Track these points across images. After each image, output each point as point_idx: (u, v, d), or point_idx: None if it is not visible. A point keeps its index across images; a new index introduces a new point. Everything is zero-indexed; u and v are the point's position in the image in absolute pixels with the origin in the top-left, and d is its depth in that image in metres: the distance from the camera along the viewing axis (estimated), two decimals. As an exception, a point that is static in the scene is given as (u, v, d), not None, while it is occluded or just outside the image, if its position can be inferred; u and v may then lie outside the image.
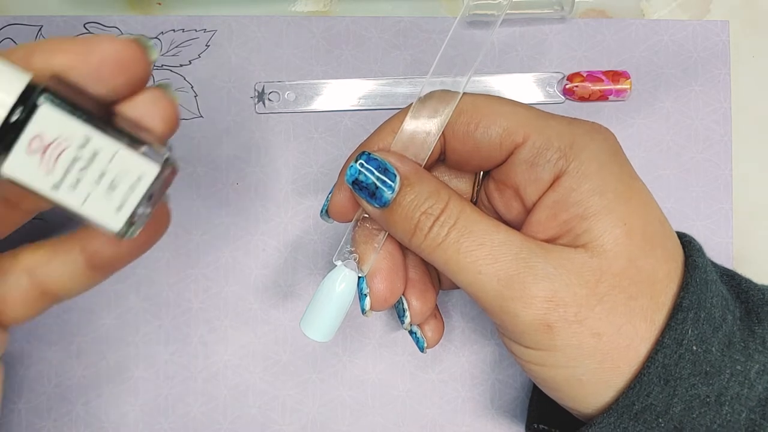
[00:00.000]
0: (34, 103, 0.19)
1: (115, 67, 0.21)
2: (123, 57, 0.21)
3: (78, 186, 0.20)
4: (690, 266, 0.25)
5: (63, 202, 0.20)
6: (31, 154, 0.20)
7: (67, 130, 0.20)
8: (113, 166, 0.20)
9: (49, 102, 0.19)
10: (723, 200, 0.38)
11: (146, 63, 0.22)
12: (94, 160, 0.20)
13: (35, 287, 0.25)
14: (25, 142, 0.19)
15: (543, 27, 0.38)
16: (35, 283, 0.25)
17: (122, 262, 0.26)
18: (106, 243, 0.25)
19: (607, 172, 0.25)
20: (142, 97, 0.23)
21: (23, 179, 0.20)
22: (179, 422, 0.36)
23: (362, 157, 0.25)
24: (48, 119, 0.19)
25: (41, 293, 0.26)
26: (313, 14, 0.38)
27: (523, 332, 0.24)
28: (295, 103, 0.37)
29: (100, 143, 0.20)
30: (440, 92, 0.26)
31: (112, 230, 0.21)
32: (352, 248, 0.28)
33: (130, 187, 0.21)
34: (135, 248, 0.25)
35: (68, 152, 0.20)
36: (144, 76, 0.22)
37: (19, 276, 0.25)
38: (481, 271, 0.24)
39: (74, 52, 0.21)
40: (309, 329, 0.27)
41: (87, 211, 0.21)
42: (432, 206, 0.25)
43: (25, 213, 0.25)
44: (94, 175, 0.20)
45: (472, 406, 0.37)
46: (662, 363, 0.23)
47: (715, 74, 0.38)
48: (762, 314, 0.26)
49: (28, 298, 0.25)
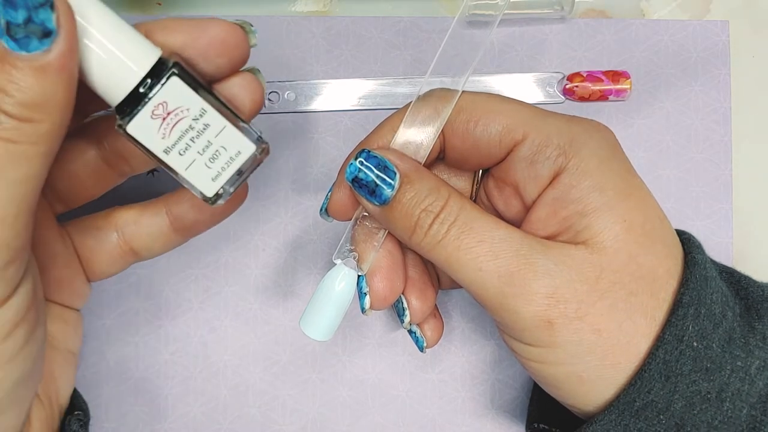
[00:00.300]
0: (166, 74, 0.22)
1: (220, 48, 0.24)
2: (228, 39, 0.24)
3: (186, 153, 0.23)
4: (690, 263, 0.25)
5: (171, 164, 0.23)
6: (154, 118, 0.22)
7: (188, 102, 0.22)
8: (218, 139, 0.23)
9: (178, 75, 0.22)
10: (723, 200, 0.37)
11: (247, 47, 0.24)
12: (204, 132, 0.23)
13: (123, 244, 0.29)
14: (150, 107, 0.22)
15: (543, 27, 0.38)
16: (123, 241, 0.29)
17: (202, 227, 0.29)
18: (190, 207, 0.28)
19: (607, 169, 0.25)
20: (236, 78, 0.25)
21: (142, 139, 0.23)
22: (179, 422, 0.36)
23: (362, 154, 0.25)
24: (174, 90, 0.22)
25: (127, 250, 0.29)
26: (313, 14, 0.38)
27: (524, 329, 0.24)
28: (295, 103, 0.37)
29: (212, 117, 0.23)
30: (440, 90, 0.26)
31: (204, 196, 0.24)
32: (352, 247, 0.28)
33: (228, 160, 0.24)
34: (215, 215, 0.29)
35: (184, 122, 0.23)
36: (244, 59, 0.25)
37: (110, 233, 0.29)
38: (481, 268, 0.24)
39: (188, 33, 0.23)
40: (309, 328, 0.27)
41: (188, 175, 0.23)
42: (432, 204, 0.25)
43: (120, 175, 0.29)
44: (201, 145, 0.23)
45: (472, 406, 0.37)
46: (663, 359, 0.23)
47: (715, 74, 0.38)
48: (762, 310, 0.26)
49: (115, 254, 0.29)
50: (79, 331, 0.29)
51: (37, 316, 0.23)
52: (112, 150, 0.28)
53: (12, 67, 0.19)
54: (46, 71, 0.19)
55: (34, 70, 0.19)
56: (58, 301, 0.28)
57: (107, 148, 0.27)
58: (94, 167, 0.28)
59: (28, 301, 0.22)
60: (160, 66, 0.22)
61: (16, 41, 0.18)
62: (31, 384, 0.24)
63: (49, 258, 0.27)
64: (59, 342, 0.28)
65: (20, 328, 0.22)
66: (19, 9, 0.18)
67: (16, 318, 0.22)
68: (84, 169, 0.28)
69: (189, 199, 0.28)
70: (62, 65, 0.19)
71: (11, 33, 0.18)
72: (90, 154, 0.27)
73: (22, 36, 0.18)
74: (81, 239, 0.29)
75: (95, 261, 0.29)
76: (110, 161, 0.28)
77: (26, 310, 0.22)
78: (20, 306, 0.22)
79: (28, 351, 0.23)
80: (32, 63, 0.19)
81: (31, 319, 0.23)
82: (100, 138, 0.27)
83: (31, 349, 0.23)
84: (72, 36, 0.20)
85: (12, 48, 0.18)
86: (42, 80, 0.19)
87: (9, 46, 0.18)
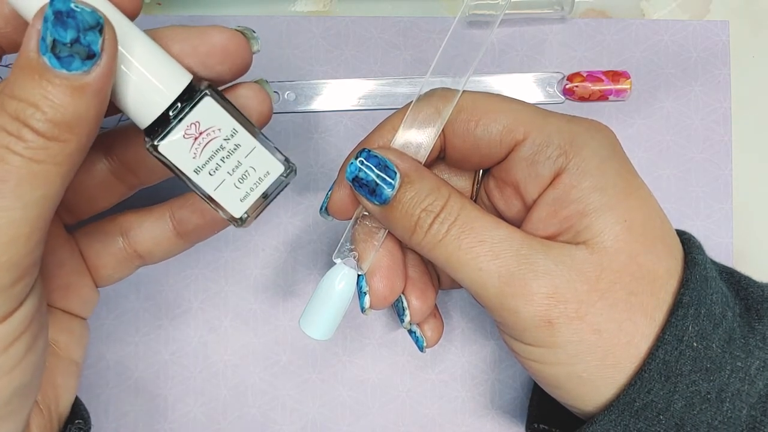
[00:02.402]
0: (199, 94, 0.22)
1: (221, 56, 0.23)
2: (229, 47, 0.23)
3: (216, 173, 0.23)
4: (690, 263, 0.25)
5: (201, 184, 0.23)
6: (186, 138, 0.22)
7: (220, 122, 0.23)
8: (248, 159, 0.23)
9: (211, 96, 0.22)
10: (723, 200, 0.38)
11: (248, 53, 0.24)
12: (234, 152, 0.23)
13: (128, 247, 0.29)
14: (183, 127, 0.22)
15: (543, 27, 0.38)
16: (128, 244, 0.29)
17: (204, 233, 0.29)
18: (192, 212, 0.29)
19: (607, 169, 0.25)
20: (242, 89, 0.25)
21: (174, 159, 0.22)
22: (179, 422, 0.36)
23: (362, 154, 0.25)
24: (207, 110, 0.22)
25: (132, 254, 0.29)
26: (313, 14, 0.38)
27: (524, 329, 0.24)
28: (295, 103, 0.37)
29: (243, 137, 0.23)
30: (440, 90, 0.26)
31: (233, 217, 0.24)
32: (352, 246, 0.28)
33: (257, 181, 0.24)
34: (217, 223, 0.29)
35: (215, 141, 0.23)
36: (245, 66, 0.24)
37: (116, 237, 0.29)
38: (481, 268, 0.24)
39: (188, 41, 0.23)
40: (308, 327, 0.27)
41: (217, 196, 0.23)
42: (432, 203, 0.25)
43: (130, 188, 0.29)
44: (231, 165, 0.23)
45: (472, 406, 0.37)
46: (663, 359, 0.23)
47: (715, 74, 0.38)
48: (762, 311, 0.26)
49: (121, 258, 0.29)
50: (84, 341, 0.29)
51: (40, 327, 0.23)
52: (121, 163, 0.28)
53: (49, 83, 0.19)
54: (83, 92, 0.19)
55: (72, 90, 0.19)
56: (66, 309, 0.28)
57: (117, 161, 0.28)
58: (103, 180, 0.28)
59: (32, 313, 0.22)
60: (192, 88, 0.22)
61: (59, 59, 0.18)
62: (31, 394, 0.24)
63: (56, 265, 0.27)
64: (63, 351, 0.28)
65: (21, 339, 0.22)
66: (69, 29, 0.18)
67: (19, 331, 0.22)
68: (93, 181, 0.28)
69: (191, 204, 0.29)
70: (100, 87, 0.19)
71: (56, 51, 0.18)
72: (99, 166, 0.28)
73: (66, 55, 0.18)
74: (88, 244, 0.29)
75: (102, 266, 0.29)
76: (119, 174, 0.28)
77: (29, 323, 0.22)
78: (24, 318, 0.22)
79: (27, 362, 0.22)
80: (71, 82, 0.19)
81: (33, 330, 0.22)
82: (110, 151, 0.28)
83: (31, 360, 0.23)
84: (113, 60, 0.20)
85: (53, 65, 0.18)
86: (77, 100, 0.19)
87: (51, 63, 0.18)
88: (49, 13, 0.18)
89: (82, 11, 0.19)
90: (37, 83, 0.19)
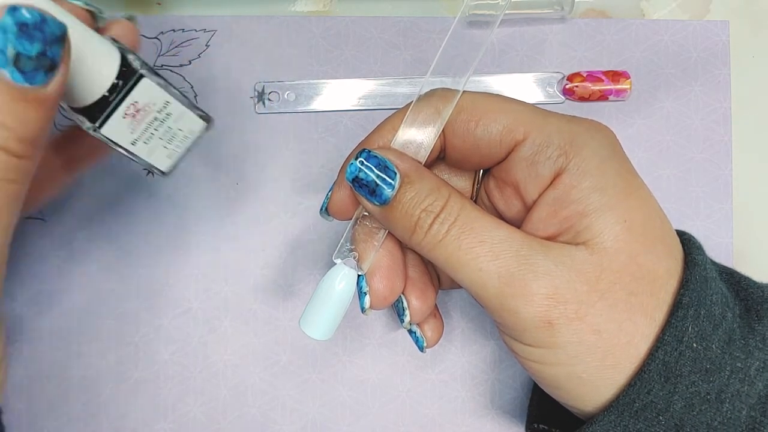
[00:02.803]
0: (135, 77, 0.24)
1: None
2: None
3: (150, 141, 0.25)
4: (690, 263, 0.25)
5: (137, 153, 0.25)
6: (125, 118, 0.24)
7: (155, 98, 0.25)
8: (176, 123, 0.26)
9: (146, 76, 0.24)
10: (723, 200, 0.37)
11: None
12: (165, 120, 0.25)
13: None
14: (123, 109, 0.24)
15: (543, 27, 0.38)
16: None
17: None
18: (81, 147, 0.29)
19: (607, 169, 0.25)
20: (116, 28, 0.25)
21: (114, 137, 0.24)
22: (179, 422, 0.36)
23: (362, 154, 0.25)
24: (144, 90, 0.24)
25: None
26: (313, 14, 0.38)
27: (524, 329, 0.24)
28: (295, 103, 0.37)
29: (174, 107, 0.25)
30: (440, 90, 0.26)
31: (163, 172, 0.27)
32: (352, 246, 0.28)
33: (183, 138, 0.27)
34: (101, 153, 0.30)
35: (150, 115, 0.25)
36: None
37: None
38: (481, 268, 0.24)
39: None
40: (308, 328, 0.27)
41: (150, 159, 0.26)
42: (432, 203, 0.25)
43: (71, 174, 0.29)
44: (162, 131, 0.26)
45: (472, 406, 0.37)
46: (663, 360, 0.23)
47: (715, 74, 0.38)
48: (762, 311, 0.26)
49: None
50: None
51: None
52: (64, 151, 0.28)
53: (12, 99, 0.18)
54: (45, 104, 0.18)
55: (37, 104, 0.18)
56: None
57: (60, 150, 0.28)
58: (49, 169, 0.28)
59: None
60: (125, 65, 0.23)
61: (23, 74, 0.18)
62: None
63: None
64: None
65: None
66: (35, 42, 0.17)
67: None
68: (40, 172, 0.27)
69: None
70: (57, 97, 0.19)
71: (20, 65, 0.17)
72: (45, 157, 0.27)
73: (31, 69, 0.18)
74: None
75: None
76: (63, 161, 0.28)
77: None
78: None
79: None
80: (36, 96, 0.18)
81: None
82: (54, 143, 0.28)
83: None
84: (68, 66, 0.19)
85: (16, 80, 0.18)
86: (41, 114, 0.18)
87: (14, 78, 0.18)
88: (9, 23, 0.17)
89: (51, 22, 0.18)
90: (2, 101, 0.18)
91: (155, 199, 0.36)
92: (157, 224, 0.36)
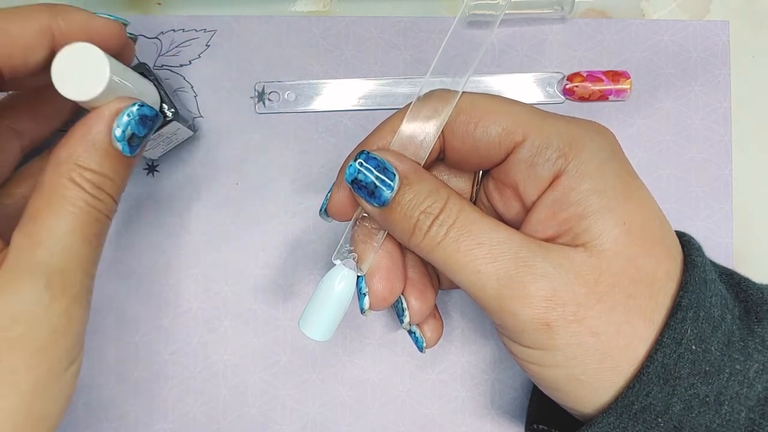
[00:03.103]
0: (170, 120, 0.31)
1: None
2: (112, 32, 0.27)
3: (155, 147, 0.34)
4: (689, 265, 0.25)
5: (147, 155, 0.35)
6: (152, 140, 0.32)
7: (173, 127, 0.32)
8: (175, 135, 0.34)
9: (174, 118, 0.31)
10: (723, 200, 0.37)
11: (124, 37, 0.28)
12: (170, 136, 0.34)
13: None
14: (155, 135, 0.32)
15: (543, 27, 0.38)
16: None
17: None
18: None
19: (607, 171, 0.25)
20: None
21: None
22: (179, 422, 0.36)
23: (361, 156, 0.25)
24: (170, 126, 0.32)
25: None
26: (313, 14, 0.38)
27: (523, 331, 0.24)
28: (295, 103, 0.37)
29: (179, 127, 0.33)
30: (440, 91, 0.26)
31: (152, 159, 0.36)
32: (351, 247, 0.28)
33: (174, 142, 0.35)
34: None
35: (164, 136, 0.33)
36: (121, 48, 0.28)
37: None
38: (480, 270, 0.24)
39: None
40: (308, 328, 0.27)
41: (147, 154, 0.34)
42: (431, 205, 0.25)
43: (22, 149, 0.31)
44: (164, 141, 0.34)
45: (472, 406, 0.37)
46: (661, 362, 0.23)
47: (715, 74, 0.38)
48: (761, 313, 0.26)
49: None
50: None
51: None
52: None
53: (120, 165, 0.26)
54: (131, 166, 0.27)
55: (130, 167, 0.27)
56: None
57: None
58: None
59: None
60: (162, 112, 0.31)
61: (131, 147, 0.25)
62: None
63: None
64: None
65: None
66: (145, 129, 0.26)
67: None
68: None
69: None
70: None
71: (132, 142, 0.25)
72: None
73: (135, 145, 0.26)
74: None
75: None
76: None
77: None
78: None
79: None
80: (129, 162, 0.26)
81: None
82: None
83: None
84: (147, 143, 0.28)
85: (125, 152, 0.25)
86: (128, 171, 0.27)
87: (124, 150, 0.25)
88: (135, 114, 0.25)
89: (159, 117, 0.27)
90: (114, 162, 0.25)
91: (155, 199, 0.36)
92: (157, 224, 0.36)
